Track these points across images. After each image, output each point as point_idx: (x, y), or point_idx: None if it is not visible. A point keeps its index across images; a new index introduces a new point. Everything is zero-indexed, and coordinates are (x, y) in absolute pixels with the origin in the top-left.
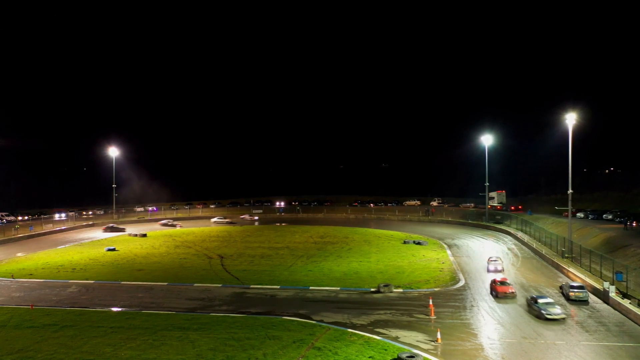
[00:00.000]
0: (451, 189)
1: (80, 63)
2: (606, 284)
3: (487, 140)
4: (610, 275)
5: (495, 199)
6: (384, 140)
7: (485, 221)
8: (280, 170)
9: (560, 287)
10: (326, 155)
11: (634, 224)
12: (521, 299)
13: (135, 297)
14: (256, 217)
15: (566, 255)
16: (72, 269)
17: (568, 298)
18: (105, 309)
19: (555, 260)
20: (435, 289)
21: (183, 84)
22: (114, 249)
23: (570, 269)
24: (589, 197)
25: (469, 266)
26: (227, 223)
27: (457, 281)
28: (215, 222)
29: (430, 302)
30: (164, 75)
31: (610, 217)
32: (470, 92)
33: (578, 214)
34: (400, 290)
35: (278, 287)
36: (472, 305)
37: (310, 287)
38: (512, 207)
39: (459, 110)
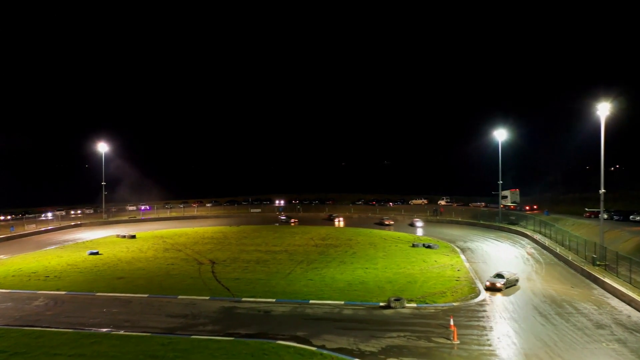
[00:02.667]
0: (460, 187)
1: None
2: None
3: (499, 135)
4: None
5: (509, 197)
6: (388, 136)
7: (499, 222)
8: (281, 167)
9: None
10: (328, 152)
11: None
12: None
13: (108, 312)
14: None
15: (598, 262)
16: (45, 276)
17: None
18: (70, 330)
19: (585, 268)
20: (454, 304)
21: (180, 80)
22: (96, 253)
23: (606, 280)
24: (610, 196)
25: (487, 274)
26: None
27: (477, 293)
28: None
29: (452, 322)
30: (160, 71)
31: (638, 218)
32: (481, 85)
33: (592, 216)
34: (414, 305)
35: (274, 300)
36: (501, 324)
37: (311, 301)
38: (527, 207)
39: (468, 105)
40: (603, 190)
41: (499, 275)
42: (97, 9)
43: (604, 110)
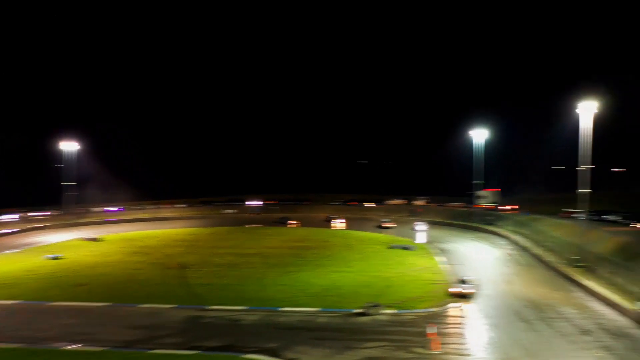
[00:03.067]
0: (438, 187)
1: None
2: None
3: (477, 135)
4: (637, 290)
5: (489, 198)
6: (365, 136)
7: (477, 222)
8: (256, 167)
9: None
10: (304, 151)
11: None
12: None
13: (63, 324)
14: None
15: (578, 264)
16: None
17: None
18: (12, 345)
19: (565, 270)
20: (433, 309)
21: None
22: (58, 257)
23: (587, 282)
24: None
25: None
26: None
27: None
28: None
29: (432, 331)
30: (129, 65)
31: (615, 218)
32: (461, 85)
33: (573, 216)
34: (392, 311)
35: (244, 307)
36: (482, 332)
37: (283, 308)
38: (508, 207)
39: (447, 104)
40: (584, 190)
41: (463, 281)
42: None
43: (584, 110)
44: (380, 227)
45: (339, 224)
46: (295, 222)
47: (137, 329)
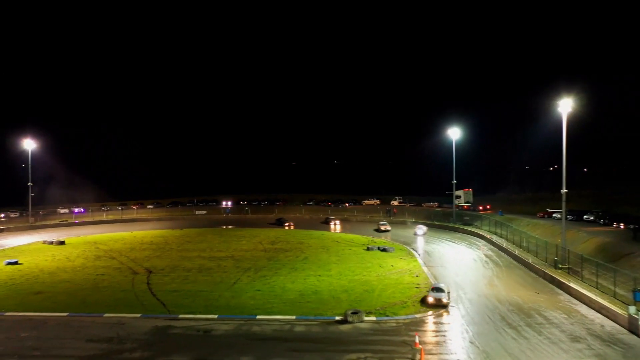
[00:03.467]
0: (412, 187)
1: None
2: (632, 309)
3: (453, 133)
4: (623, 293)
5: (462, 197)
6: (339, 134)
7: (453, 222)
8: (228, 166)
9: None
10: (277, 151)
11: None
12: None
13: (14, 338)
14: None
15: (560, 265)
16: None
17: None
18: None
19: (547, 271)
20: (417, 315)
21: (115, 70)
22: (15, 262)
23: (572, 285)
24: (560, 196)
25: (447, 279)
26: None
27: None
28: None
29: (417, 340)
30: (94, 61)
31: (591, 218)
32: (434, 82)
33: (554, 215)
34: (374, 318)
35: (215, 316)
36: (471, 342)
37: (258, 317)
38: (480, 207)
39: (420, 103)
40: (565, 190)
41: (439, 289)
42: None
43: (565, 107)
44: (378, 230)
45: (337, 225)
46: (290, 223)
47: (98, 342)
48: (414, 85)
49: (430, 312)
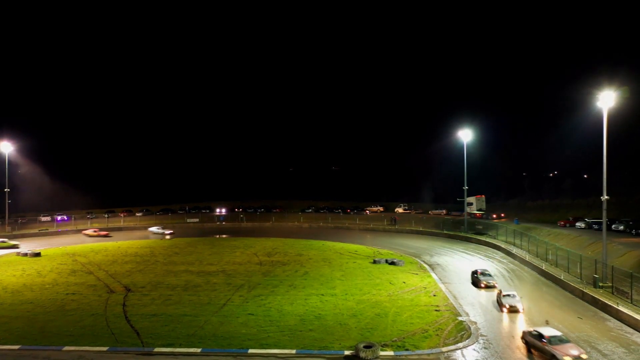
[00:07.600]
0: (418, 193)
1: None
2: None
3: (464, 136)
4: None
5: (474, 204)
6: (339, 138)
7: (465, 231)
8: (222, 172)
9: None
10: (274, 156)
11: None
12: None
13: None
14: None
15: (601, 283)
16: None
17: None
18: None
19: (586, 291)
20: (442, 349)
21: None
22: None
23: (621, 309)
24: (584, 202)
25: (470, 299)
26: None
27: (465, 330)
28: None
29: None
30: (73, 62)
31: (621, 227)
32: (441, 83)
33: (577, 224)
34: (391, 353)
35: (199, 350)
36: None
37: (250, 350)
38: (494, 215)
39: (426, 105)
40: (606, 197)
41: (511, 296)
42: None
43: (606, 105)
44: (476, 284)
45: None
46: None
47: None
48: (421, 84)
49: (456, 345)
